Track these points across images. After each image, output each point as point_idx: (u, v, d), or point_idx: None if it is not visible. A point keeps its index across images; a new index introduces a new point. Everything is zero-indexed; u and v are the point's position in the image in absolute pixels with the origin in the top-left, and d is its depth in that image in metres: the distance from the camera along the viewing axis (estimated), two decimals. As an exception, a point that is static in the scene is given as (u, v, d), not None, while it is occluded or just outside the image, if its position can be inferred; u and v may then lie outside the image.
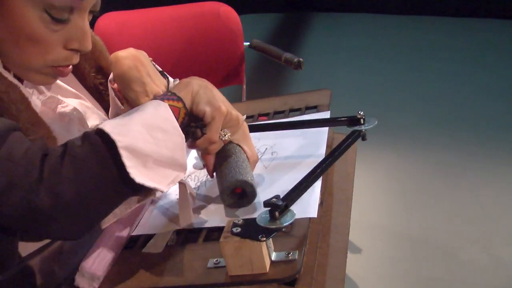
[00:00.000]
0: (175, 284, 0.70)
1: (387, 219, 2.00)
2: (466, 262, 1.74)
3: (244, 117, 0.84)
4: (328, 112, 1.11)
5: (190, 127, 0.81)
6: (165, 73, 0.88)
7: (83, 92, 0.91)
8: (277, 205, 0.68)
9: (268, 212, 0.69)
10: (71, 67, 0.77)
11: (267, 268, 0.67)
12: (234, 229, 0.67)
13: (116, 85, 0.85)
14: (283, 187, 0.84)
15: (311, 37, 3.97)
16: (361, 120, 0.93)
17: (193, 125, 0.81)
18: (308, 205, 0.77)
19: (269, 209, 0.69)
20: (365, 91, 3.03)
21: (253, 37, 1.88)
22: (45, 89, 0.84)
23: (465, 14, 3.96)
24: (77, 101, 0.87)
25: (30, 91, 0.80)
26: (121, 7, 1.80)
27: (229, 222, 0.70)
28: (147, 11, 1.82)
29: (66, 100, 0.85)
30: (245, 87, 1.88)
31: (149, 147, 0.66)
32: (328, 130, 1.02)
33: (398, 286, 1.68)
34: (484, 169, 2.24)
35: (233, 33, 1.80)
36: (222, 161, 0.83)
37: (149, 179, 0.65)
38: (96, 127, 0.67)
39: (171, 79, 0.91)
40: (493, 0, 3.89)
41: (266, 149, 1.01)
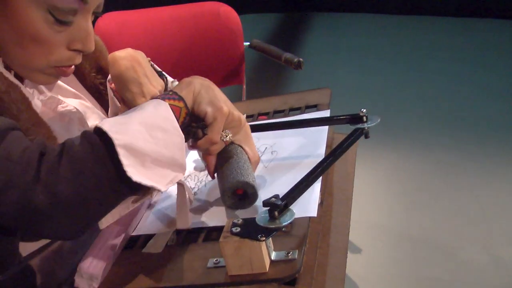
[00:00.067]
0: (175, 284, 0.70)
1: (387, 219, 2.00)
2: (466, 262, 1.74)
3: (244, 116, 0.83)
4: (328, 111, 1.10)
5: (191, 127, 0.80)
6: (163, 73, 0.88)
7: (83, 92, 0.91)
8: (277, 205, 0.68)
9: (267, 211, 0.69)
10: (73, 67, 0.78)
11: (267, 267, 0.67)
12: (233, 229, 0.67)
13: (113, 85, 0.85)
14: (282, 186, 0.84)
15: (311, 37, 3.97)
16: (364, 118, 0.92)
17: (194, 125, 0.80)
18: (308, 204, 0.77)
19: (269, 208, 0.69)
20: (365, 91, 3.03)
21: (253, 37, 1.88)
22: (45, 89, 0.84)
23: (465, 14, 3.96)
24: (77, 101, 0.87)
25: (30, 91, 0.80)
26: (121, 7, 1.80)
27: (229, 221, 0.70)
28: (147, 11, 1.82)
29: (66, 100, 0.85)
30: (245, 87, 1.88)
31: (148, 146, 0.65)
32: (328, 129, 1.02)
33: (398, 286, 1.68)
34: (484, 169, 2.24)
35: (233, 33, 1.80)
36: (223, 162, 0.81)
37: (147, 178, 0.64)
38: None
39: (170, 79, 0.91)
40: (493, 0, 3.89)
41: (266, 148, 1.01)
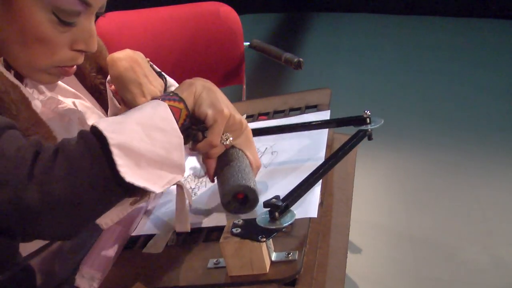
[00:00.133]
0: (175, 284, 0.70)
1: (387, 219, 2.00)
2: (466, 262, 1.74)
3: (244, 116, 0.83)
4: (328, 111, 1.10)
5: (191, 130, 0.78)
6: (163, 73, 0.88)
7: (83, 92, 0.91)
8: (277, 206, 0.68)
9: (268, 212, 0.69)
10: (75, 67, 0.78)
11: (267, 268, 0.67)
12: (234, 230, 0.67)
13: (113, 86, 0.85)
14: (283, 187, 0.84)
15: (311, 37, 3.97)
16: (367, 119, 0.91)
17: (195, 127, 0.78)
18: (308, 205, 0.77)
19: (269, 209, 0.69)
20: (365, 91, 3.02)
21: (253, 37, 1.88)
22: (45, 89, 0.84)
23: (465, 14, 3.96)
24: (77, 101, 0.87)
25: (30, 91, 0.80)
26: (121, 7, 1.80)
27: (229, 222, 0.70)
28: (147, 11, 1.82)
29: (66, 100, 0.85)
30: (245, 87, 1.88)
31: (144, 146, 0.64)
32: (328, 130, 1.01)
33: (398, 286, 1.68)
34: (484, 169, 2.24)
35: (233, 33, 1.80)
36: (223, 165, 0.79)
37: (142, 179, 0.63)
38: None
39: (169, 79, 0.91)
40: (493, 0, 3.89)
41: (266, 148, 1.01)
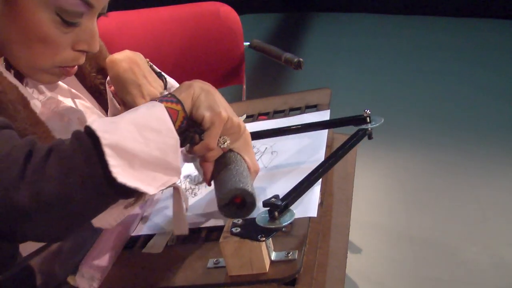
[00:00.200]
0: (175, 284, 0.70)
1: (387, 219, 2.00)
2: (466, 262, 1.74)
3: (244, 116, 0.83)
4: (328, 111, 1.10)
5: (189, 132, 0.76)
6: (163, 73, 0.88)
7: (83, 92, 0.91)
8: (276, 205, 0.68)
9: (267, 212, 0.69)
10: (76, 67, 0.78)
11: (267, 268, 0.67)
12: (233, 229, 0.67)
13: (113, 87, 0.85)
14: (282, 186, 0.84)
15: (311, 37, 3.97)
16: (367, 118, 0.91)
17: (192, 130, 0.77)
18: (308, 205, 0.77)
19: (269, 209, 0.69)
20: (365, 91, 3.02)
21: (253, 37, 1.88)
22: (45, 89, 0.84)
23: (465, 14, 3.96)
24: (77, 101, 0.87)
25: (30, 91, 0.80)
26: (121, 7, 1.80)
27: (229, 222, 0.70)
28: (147, 11, 1.82)
29: (65, 100, 0.85)
30: (245, 87, 1.88)
31: (138, 147, 0.62)
32: (328, 130, 1.01)
33: (398, 286, 1.68)
34: (484, 169, 2.24)
35: (233, 33, 1.80)
36: (220, 169, 0.77)
37: (135, 180, 0.61)
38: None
39: (169, 79, 0.91)
40: (493, 0, 3.89)
41: (266, 148, 1.01)
